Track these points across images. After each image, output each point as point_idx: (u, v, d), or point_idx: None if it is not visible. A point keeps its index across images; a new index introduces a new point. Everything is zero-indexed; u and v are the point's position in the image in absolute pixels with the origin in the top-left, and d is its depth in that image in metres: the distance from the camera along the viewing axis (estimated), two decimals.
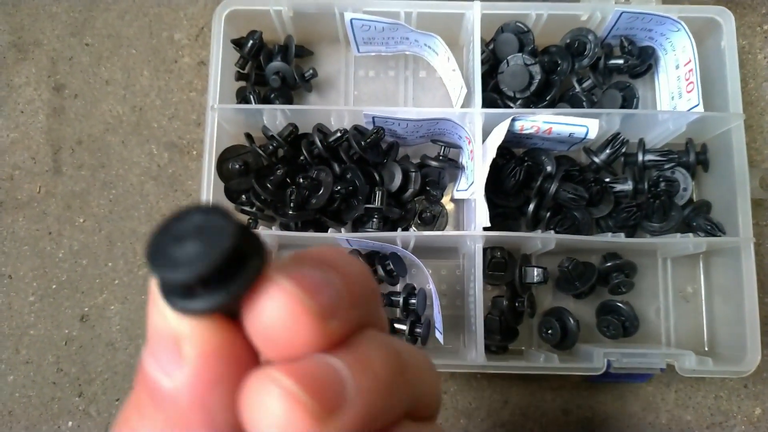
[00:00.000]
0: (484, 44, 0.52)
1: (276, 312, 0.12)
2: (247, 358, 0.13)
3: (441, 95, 0.56)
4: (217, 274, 0.12)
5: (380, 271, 0.51)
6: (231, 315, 0.13)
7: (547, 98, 0.52)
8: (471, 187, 0.48)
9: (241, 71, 0.54)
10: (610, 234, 0.49)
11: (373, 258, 0.52)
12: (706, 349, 0.53)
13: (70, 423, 0.53)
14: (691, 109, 0.50)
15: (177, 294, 0.13)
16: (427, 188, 0.52)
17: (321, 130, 0.50)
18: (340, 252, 0.15)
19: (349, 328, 0.14)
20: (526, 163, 0.50)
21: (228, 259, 0.12)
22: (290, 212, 0.48)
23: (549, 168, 0.50)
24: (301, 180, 0.49)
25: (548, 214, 0.51)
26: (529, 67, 0.51)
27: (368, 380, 0.13)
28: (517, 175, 0.49)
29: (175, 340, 0.13)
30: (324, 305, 0.13)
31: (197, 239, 0.12)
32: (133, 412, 0.14)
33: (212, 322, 0.13)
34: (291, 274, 0.13)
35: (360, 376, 0.13)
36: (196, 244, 0.12)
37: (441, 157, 0.51)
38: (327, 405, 0.12)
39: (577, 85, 0.53)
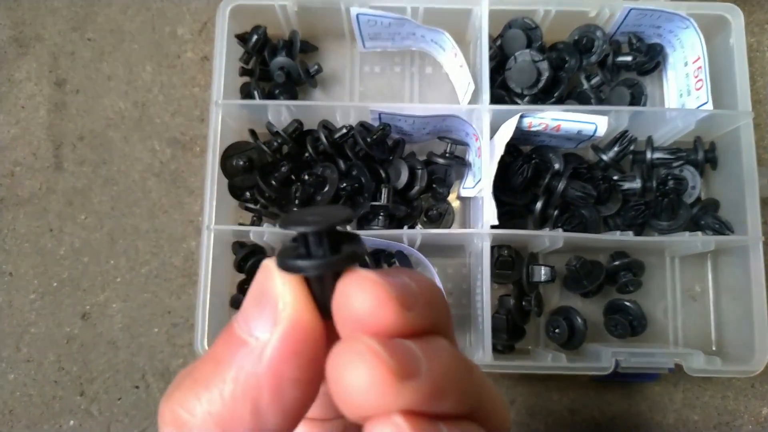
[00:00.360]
0: (492, 40, 0.51)
1: (367, 297, 0.14)
2: (322, 345, 0.15)
3: (447, 91, 0.56)
4: (328, 241, 0.15)
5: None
6: (321, 300, 0.16)
7: (555, 95, 0.52)
8: (478, 184, 0.48)
9: (245, 67, 0.54)
10: (618, 232, 0.48)
11: (379, 256, 0.51)
12: (714, 348, 0.52)
13: (71, 422, 0.52)
14: (699, 106, 0.50)
15: (290, 257, 0.16)
16: (434, 186, 0.51)
17: (326, 126, 0.50)
18: (410, 269, 0.18)
19: (424, 326, 0.15)
20: (533, 161, 0.49)
21: (342, 226, 0.16)
22: (295, 209, 0.47)
23: (557, 166, 0.50)
24: (306, 177, 0.48)
25: (556, 212, 0.50)
26: (536, 63, 0.50)
27: (438, 365, 0.14)
28: (524, 172, 0.49)
29: (275, 304, 0.15)
30: (405, 298, 0.15)
31: (322, 214, 0.16)
32: (208, 366, 0.15)
33: (308, 298, 0.15)
34: (378, 273, 0.15)
35: (431, 359, 0.14)
36: (320, 215, 0.16)
37: (448, 155, 0.50)
38: (406, 369, 0.14)
39: (585, 82, 0.52)
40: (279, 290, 0.15)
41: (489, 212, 0.45)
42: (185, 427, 0.15)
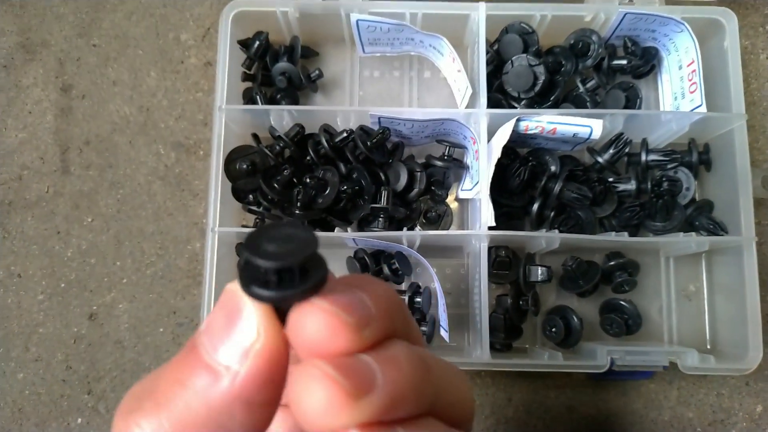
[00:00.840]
0: (489, 45, 0.53)
1: (320, 328, 0.15)
2: (287, 365, 0.16)
3: (445, 95, 0.57)
4: (293, 272, 0.15)
5: (386, 270, 0.51)
6: (282, 320, 0.16)
7: (551, 98, 0.53)
8: (476, 186, 0.49)
9: (248, 72, 0.55)
10: (613, 233, 0.49)
11: (378, 257, 0.52)
12: (709, 347, 0.53)
13: (79, 420, 0.54)
14: (694, 109, 0.50)
15: (255, 284, 0.15)
16: (432, 188, 0.52)
17: (327, 130, 0.51)
18: (367, 277, 0.18)
19: (380, 337, 0.16)
20: (530, 163, 0.50)
21: (307, 260, 0.15)
22: (297, 212, 0.49)
23: (553, 168, 0.51)
24: (308, 180, 0.49)
25: (552, 214, 0.51)
26: (533, 67, 0.51)
27: (394, 373, 0.15)
28: (521, 174, 0.50)
29: (247, 335, 0.15)
30: (358, 319, 0.15)
31: (287, 243, 0.16)
32: (173, 389, 0.16)
33: (278, 327, 0.16)
34: (329, 296, 0.16)
35: (387, 369, 0.15)
36: (285, 245, 0.16)
37: (446, 157, 0.51)
38: (360, 387, 0.14)
39: (580, 86, 0.53)
40: (250, 321, 0.15)
41: (486, 214, 0.46)
42: None
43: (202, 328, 0.17)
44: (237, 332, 0.15)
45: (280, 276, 0.15)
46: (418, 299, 0.50)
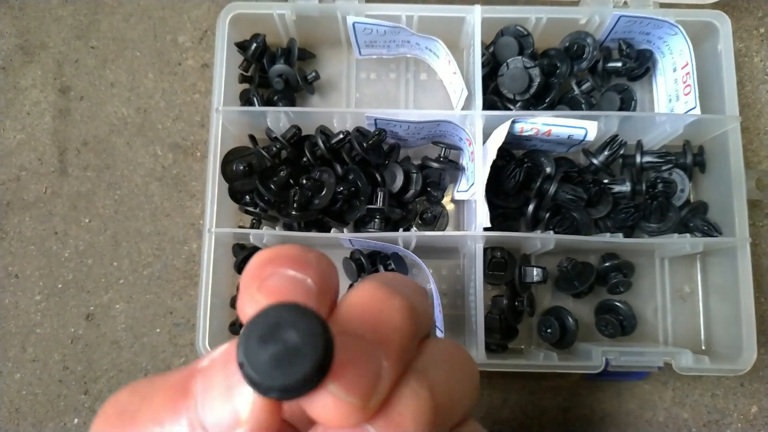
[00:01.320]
0: (485, 47, 0.53)
1: (325, 410, 0.15)
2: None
3: (441, 97, 0.57)
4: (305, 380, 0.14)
5: (381, 271, 0.51)
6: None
7: (547, 100, 0.53)
8: (471, 188, 0.49)
9: (245, 74, 0.55)
10: (608, 234, 0.49)
11: (374, 258, 0.53)
12: (703, 347, 0.53)
13: (75, 420, 0.54)
14: (688, 111, 0.51)
15: (274, 383, 0.14)
16: (428, 189, 0.53)
17: (324, 131, 0.51)
18: (371, 285, 0.18)
19: (387, 393, 0.16)
20: (525, 165, 0.51)
21: (314, 371, 0.14)
22: (293, 212, 0.49)
23: (548, 169, 0.51)
24: (304, 181, 0.49)
25: (547, 215, 0.51)
26: (528, 69, 0.52)
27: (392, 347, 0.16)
28: (516, 176, 0.50)
29: (239, 412, 0.15)
30: (362, 396, 0.16)
31: (286, 345, 0.14)
32: (153, 423, 0.16)
33: (274, 414, 0.15)
34: (337, 379, 0.15)
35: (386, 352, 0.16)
36: (285, 351, 0.14)
37: (442, 159, 0.52)
38: (367, 392, 0.15)
39: (575, 88, 0.53)
40: (246, 406, 0.15)
41: (482, 215, 0.47)
42: None
43: (204, 366, 0.16)
44: (230, 406, 0.15)
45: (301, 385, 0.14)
46: None
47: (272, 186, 0.50)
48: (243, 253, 0.52)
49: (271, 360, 0.13)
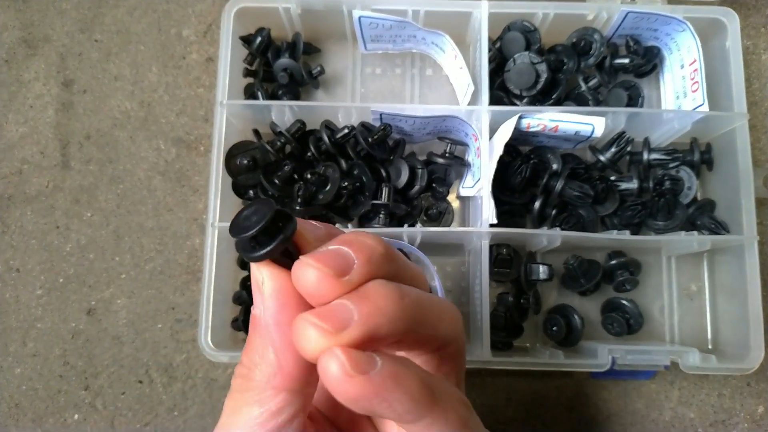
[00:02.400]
0: (491, 43, 0.52)
1: (306, 278, 0.21)
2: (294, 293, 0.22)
3: (447, 93, 0.57)
4: (266, 233, 0.20)
5: None
6: (286, 266, 0.21)
7: (553, 97, 0.52)
8: (477, 184, 0.49)
9: (249, 68, 0.55)
10: (615, 231, 0.49)
11: None
12: (710, 347, 0.53)
13: (76, 416, 0.53)
14: (696, 108, 0.50)
15: (248, 250, 0.21)
16: (434, 185, 0.52)
17: (328, 126, 0.51)
18: (357, 233, 0.22)
19: (361, 280, 0.21)
20: (532, 161, 0.50)
21: (269, 223, 0.20)
22: (297, 207, 0.48)
23: (555, 166, 0.51)
24: (309, 176, 0.49)
25: (554, 212, 0.51)
26: (535, 65, 0.51)
27: (368, 308, 0.20)
28: (523, 172, 0.50)
29: (259, 286, 0.22)
30: (336, 269, 0.21)
31: (253, 216, 0.21)
32: (249, 340, 0.23)
33: (277, 271, 0.22)
34: (314, 254, 0.21)
35: (362, 306, 0.20)
36: (253, 218, 0.20)
37: (447, 155, 0.51)
38: (338, 326, 0.20)
39: (582, 84, 0.53)
40: (257, 276, 0.22)
41: (488, 211, 0.46)
42: (249, 372, 0.23)
43: None
44: (255, 286, 0.22)
45: (258, 240, 0.21)
46: None
47: (276, 181, 0.49)
48: None
49: (238, 230, 0.20)
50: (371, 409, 0.20)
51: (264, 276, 0.22)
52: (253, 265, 0.22)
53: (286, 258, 0.21)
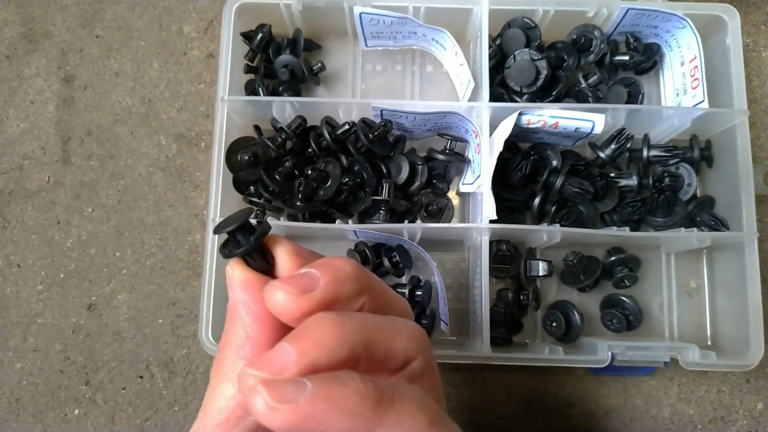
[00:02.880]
0: (491, 39, 0.53)
1: (276, 298, 0.23)
2: (258, 283, 0.25)
3: (447, 90, 0.57)
4: (240, 234, 0.25)
5: (386, 263, 0.51)
6: (258, 263, 0.25)
7: (554, 93, 0.53)
8: (477, 180, 0.49)
9: (250, 64, 0.55)
10: (615, 228, 0.49)
11: (379, 250, 0.52)
12: (709, 343, 0.53)
13: (76, 411, 0.53)
14: (696, 105, 0.50)
15: (227, 248, 0.25)
16: (434, 181, 0.52)
17: (329, 122, 0.51)
18: (332, 258, 0.25)
19: (327, 297, 0.23)
20: (532, 158, 0.50)
21: (239, 229, 0.25)
22: (298, 203, 0.48)
23: (555, 162, 0.51)
24: (309, 172, 0.49)
25: (554, 208, 0.51)
26: (535, 62, 0.51)
27: (305, 344, 0.22)
28: (523, 169, 0.50)
29: (230, 279, 0.25)
30: (302, 288, 0.23)
31: (235, 221, 0.25)
32: (223, 334, 0.26)
33: (244, 266, 0.25)
34: (284, 278, 0.24)
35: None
36: (231, 220, 0.25)
37: (447, 151, 0.51)
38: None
39: (582, 81, 0.53)
40: (230, 272, 0.26)
41: (488, 207, 0.46)
42: (221, 355, 0.26)
43: None
44: (228, 281, 0.26)
45: (236, 239, 0.25)
46: (419, 293, 0.50)
47: (277, 176, 0.49)
48: None
49: (219, 228, 0.25)
50: None
51: (234, 270, 0.25)
52: (227, 265, 0.26)
53: (259, 263, 0.25)
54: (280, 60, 0.54)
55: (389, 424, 0.21)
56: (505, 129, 0.47)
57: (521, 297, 0.51)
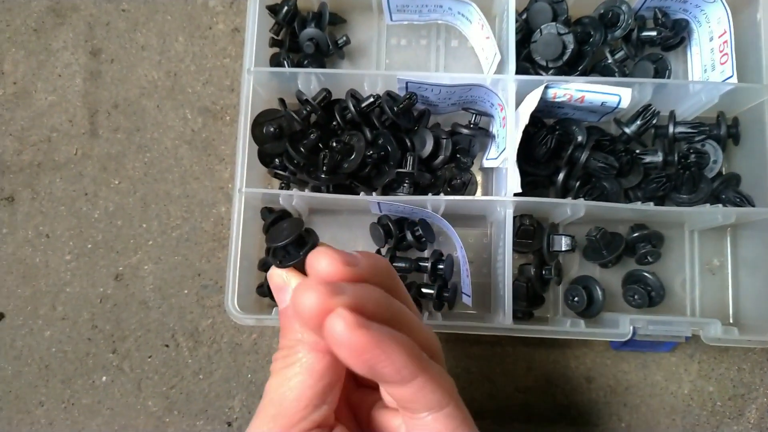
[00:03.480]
0: (518, 14, 0.52)
1: (320, 262, 0.26)
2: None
3: (472, 65, 0.57)
4: (292, 247, 0.29)
5: (409, 237, 0.51)
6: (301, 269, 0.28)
7: (579, 68, 0.52)
8: (501, 155, 0.49)
9: (275, 37, 0.55)
10: (639, 202, 0.49)
11: (402, 224, 0.53)
12: (731, 321, 0.53)
13: (104, 378, 0.55)
14: (725, 80, 0.50)
15: (278, 258, 0.29)
16: (458, 155, 0.52)
17: (354, 95, 0.51)
18: (368, 252, 0.28)
19: (362, 276, 0.26)
20: (557, 132, 0.50)
21: (294, 241, 0.28)
22: (322, 176, 0.49)
23: (580, 137, 0.51)
24: (334, 144, 0.49)
25: (578, 184, 0.51)
26: (562, 36, 0.51)
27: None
28: (548, 143, 0.50)
29: (282, 285, 0.30)
30: (345, 258, 0.26)
31: (285, 231, 0.29)
32: (280, 334, 0.30)
33: (297, 273, 0.29)
34: (329, 249, 0.27)
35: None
36: (284, 233, 0.29)
37: (472, 125, 0.51)
38: (334, 290, 0.24)
39: (609, 56, 0.53)
40: (286, 279, 0.30)
41: (513, 180, 0.46)
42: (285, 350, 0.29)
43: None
44: (278, 288, 0.30)
45: (287, 250, 0.29)
46: (441, 266, 0.51)
47: (302, 149, 0.50)
48: (271, 216, 0.53)
49: (278, 237, 0.29)
50: (374, 363, 0.23)
51: (290, 277, 0.30)
52: (277, 271, 0.29)
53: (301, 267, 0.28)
54: (305, 33, 0.54)
55: (428, 376, 0.25)
56: (531, 102, 0.47)
57: (543, 272, 0.51)
